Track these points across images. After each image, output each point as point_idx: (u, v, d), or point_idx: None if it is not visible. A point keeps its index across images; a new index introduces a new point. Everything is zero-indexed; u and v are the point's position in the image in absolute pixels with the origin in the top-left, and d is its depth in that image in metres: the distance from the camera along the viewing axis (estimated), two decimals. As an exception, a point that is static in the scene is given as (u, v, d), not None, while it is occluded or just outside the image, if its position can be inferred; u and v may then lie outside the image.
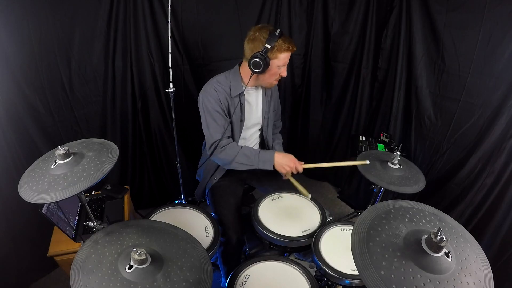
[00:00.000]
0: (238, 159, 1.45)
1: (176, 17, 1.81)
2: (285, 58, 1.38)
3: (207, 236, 1.31)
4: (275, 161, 1.43)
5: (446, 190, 1.85)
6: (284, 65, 1.40)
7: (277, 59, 1.36)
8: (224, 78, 1.48)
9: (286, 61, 1.40)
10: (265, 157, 1.45)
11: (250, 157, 1.45)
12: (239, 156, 1.45)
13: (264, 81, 1.46)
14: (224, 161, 1.48)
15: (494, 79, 1.53)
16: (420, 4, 1.79)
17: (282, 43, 1.33)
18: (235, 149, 1.46)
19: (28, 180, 0.94)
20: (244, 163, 1.45)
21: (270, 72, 1.39)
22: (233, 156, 1.45)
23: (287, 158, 1.44)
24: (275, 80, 1.46)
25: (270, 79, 1.44)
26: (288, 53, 1.37)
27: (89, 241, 0.86)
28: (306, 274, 1.17)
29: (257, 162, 1.45)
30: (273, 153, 1.45)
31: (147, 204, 2.32)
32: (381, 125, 2.25)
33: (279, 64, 1.38)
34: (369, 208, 0.88)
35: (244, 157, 1.45)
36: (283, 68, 1.41)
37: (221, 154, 1.46)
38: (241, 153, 1.45)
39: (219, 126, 1.45)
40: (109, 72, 1.81)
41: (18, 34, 1.50)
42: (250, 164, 1.46)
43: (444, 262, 0.72)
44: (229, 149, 1.46)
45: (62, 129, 1.81)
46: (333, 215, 1.53)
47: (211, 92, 1.44)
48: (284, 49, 1.34)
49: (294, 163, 1.42)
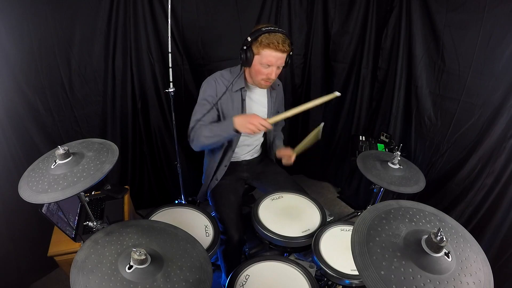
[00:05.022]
0: (203, 133, 1.42)
1: (176, 17, 1.81)
2: (268, 56, 1.30)
3: (207, 236, 1.31)
4: (235, 123, 1.33)
5: (446, 190, 1.85)
6: (269, 64, 1.32)
7: (259, 55, 1.31)
8: (228, 72, 1.50)
9: (271, 61, 1.31)
10: (226, 123, 1.39)
11: (214, 127, 1.42)
12: (204, 130, 1.42)
13: (253, 78, 1.43)
14: (198, 141, 1.45)
15: (494, 79, 1.53)
16: (420, 4, 1.79)
17: (263, 38, 1.27)
18: (203, 126, 1.44)
19: (28, 180, 0.94)
20: (210, 135, 1.41)
21: (254, 69, 1.37)
22: (201, 131, 1.43)
23: (248, 116, 1.34)
24: (263, 81, 1.39)
25: (256, 77, 1.39)
26: (271, 51, 1.28)
27: (89, 241, 0.86)
28: (306, 274, 1.16)
29: (220, 131, 1.39)
30: (231, 117, 1.36)
31: (147, 204, 2.32)
32: (381, 125, 2.25)
33: (261, 61, 1.32)
34: (369, 208, 0.88)
35: (209, 131, 1.41)
36: (270, 69, 1.34)
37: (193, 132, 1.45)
38: (207, 127, 1.42)
39: (202, 112, 1.46)
40: (109, 72, 1.81)
41: (18, 34, 1.50)
42: (215, 134, 1.40)
43: (444, 262, 0.72)
44: (197, 128, 1.45)
45: (62, 129, 1.81)
46: (333, 215, 1.53)
47: (210, 83, 1.47)
48: (264, 45, 1.27)
49: (256, 119, 1.30)
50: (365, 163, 1.40)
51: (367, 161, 1.41)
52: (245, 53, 1.33)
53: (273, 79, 1.39)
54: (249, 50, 1.32)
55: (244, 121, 1.31)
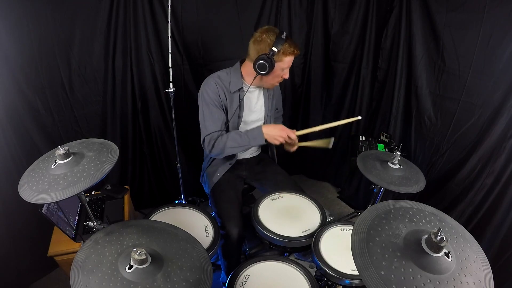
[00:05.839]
0: (229, 144, 1.46)
1: (176, 17, 1.81)
2: (289, 61, 1.40)
3: (207, 236, 1.31)
4: (265, 134, 1.44)
5: (446, 190, 1.85)
6: (287, 67, 1.43)
7: (282, 62, 1.38)
8: (225, 74, 1.50)
9: (290, 64, 1.42)
10: (254, 133, 1.46)
11: (240, 138, 1.47)
12: (229, 141, 1.46)
13: (267, 82, 1.48)
14: (218, 149, 1.49)
15: (494, 79, 1.53)
16: (420, 4, 1.79)
17: (288, 47, 1.35)
18: (224, 136, 1.48)
19: (28, 180, 0.94)
20: (236, 146, 1.47)
21: (274, 74, 1.41)
22: (224, 142, 1.46)
23: (277, 128, 1.46)
24: (277, 82, 1.50)
25: (273, 80, 1.47)
26: (293, 56, 1.40)
27: (89, 241, 0.86)
28: (306, 274, 1.16)
29: (248, 141, 1.46)
30: (260, 127, 1.46)
31: (147, 204, 2.32)
32: (381, 125, 2.25)
33: (283, 66, 1.41)
34: (369, 208, 0.88)
35: (234, 141, 1.46)
36: (286, 70, 1.44)
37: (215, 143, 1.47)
38: (230, 137, 1.47)
39: (214, 119, 1.47)
40: (109, 72, 1.81)
41: (18, 34, 1.50)
42: (242, 145, 1.47)
43: (444, 262, 0.72)
44: (220, 137, 1.48)
45: (62, 129, 1.81)
46: (333, 215, 1.53)
47: (211, 86, 1.46)
48: (290, 52, 1.37)
49: (285, 131, 1.44)
50: (365, 163, 1.40)
51: (367, 161, 1.41)
52: (270, 63, 1.34)
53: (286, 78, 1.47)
54: (272, 59, 1.35)
55: (273, 133, 1.44)
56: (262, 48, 1.35)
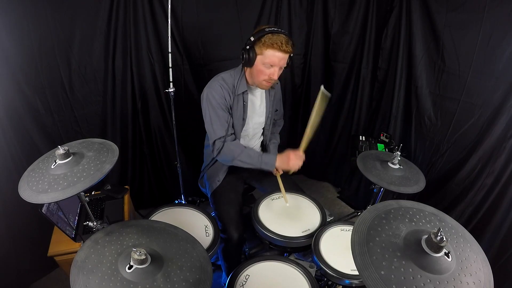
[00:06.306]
0: (241, 158, 1.47)
1: (176, 17, 1.81)
2: (271, 56, 1.30)
3: (207, 236, 1.31)
4: (277, 165, 1.48)
5: (446, 190, 1.85)
6: (271, 64, 1.33)
7: (262, 55, 1.32)
8: (229, 75, 1.48)
9: (274, 61, 1.32)
10: (267, 160, 1.48)
11: (253, 158, 1.48)
12: (243, 155, 1.47)
13: (254, 78, 1.42)
14: (227, 157, 1.48)
15: (494, 79, 1.53)
16: (420, 4, 1.79)
17: (267, 39, 1.28)
18: (239, 148, 1.48)
19: (28, 180, 0.94)
20: (247, 162, 1.48)
21: (256, 69, 1.36)
22: (237, 154, 1.47)
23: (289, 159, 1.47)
24: (265, 81, 1.39)
25: (258, 77, 1.39)
26: (274, 51, 1.29)
27: (89, 241, 0.86)
28: (306, 274, 1.16)
29: (259, 164, 1.48)
30: (275, 157, 1.49)
31: (147, 204, 2.32)
32: (381, 125, 2.25)
33: (264, 61, 1.32)
34: (369, 208, 0.88)
35: (248, 157, 1.48)
36: (273, 69, 1.35)
37: (225, 149, 1.47)
38: (245, 152, 1.48)
39: (222, 122, 1.45)
40: (109, 72, 1.81)
41: (18, 34, 1.50)
42: (252, 164, 1.48)
43: (444, 262, 0.72)
44: (233, 146, 1.48)
45: (62, 129, 1.81)
46: (333, 215, 1.53)
47: (216, 88, 1.43)
48: (268, 45, 1.28)
49: (296, 162, 1.47)
50: (365, 163, 1.40)
51: (367, 161, 1.42)
52: (247, 53, 1.33)
53: (274, 80, 1.39)
54: (251, 50, 1.32)
55: (285, 164, 1.48)
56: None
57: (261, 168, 1.49)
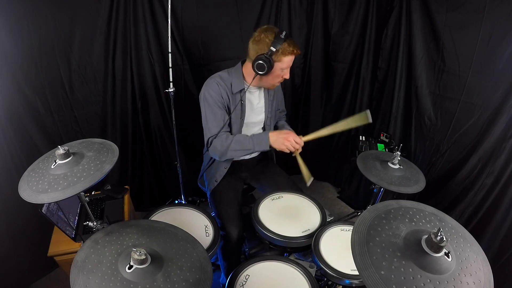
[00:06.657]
0: (232, 147, 1.44)
1: (176, 17, 1.81)
2: (289, 61, 1.38)
3: (207, 236, 1.31)
4: (270, 140, 1.41)
5: (446, 190, 1.85)
6: (287, 68, 1.41)
7: (281, 62, 1.36)
8: (226, 74, 1.49)
9: (290, 64, 1.40)
10: (259, 138, 1.43)
11: (244, 142, 1.44)
12: (233, 143, 1.43)
13: (267, 82, 1.46)
14: (220, 151, 1.46)
15: (494, 79, 1.53)
16: (420, 4, 1.78)
17: (287, 47, 1.33)
18: (229, 138, 1.45)
19: (28, 180, 0.94)
20: (239, 149, 1.44)
21: (273, 75, 1.40)
22: (227, 144, 1.43)
23: (283, 134, 1.41)
24: (278, 82, 1.47)
25: (273, 81, 1.45)
26: (292, 56, 1.37)
27: (89, 241, 0.86)
28: (306, 274, 1.16)
29: (252, 145, 1.43)
30: (267, 133, 1.43)
31: (147, 204, 2.32)
32: (381, 125, 2.25)
33: (282, 66, 1.38)
34: (369, 208, 0.88)
35: (238, 144, 1.44)
36: (286, 70, 1.42)
37: (216, 143, 1.44)
38: (234, 140, 1.44)
39: (217, 120, 1.45)
40: (109, 72, 1.81)
41: (18, 34, 1.50)
42: (246, 149, 1.44)
43: (444, 262, 0.72)
44: (223, 137, 1.45)
45: (62, 129, 1.81)
46: (333, 215, 1.53)
47: (213, 86, 1.44)
48: (289, 52, 1.34)
49: (292, 137, 1.38)
50: (365, 163, 1.40)
51: (367, 161, 1.42)
52: (268, 63, 1.33)
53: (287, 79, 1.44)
54: (271, 59, 1.33)
55: (279, 138, 1.39)
56: (261, 48, 1.34)
57: (256, 151, 1.45)
